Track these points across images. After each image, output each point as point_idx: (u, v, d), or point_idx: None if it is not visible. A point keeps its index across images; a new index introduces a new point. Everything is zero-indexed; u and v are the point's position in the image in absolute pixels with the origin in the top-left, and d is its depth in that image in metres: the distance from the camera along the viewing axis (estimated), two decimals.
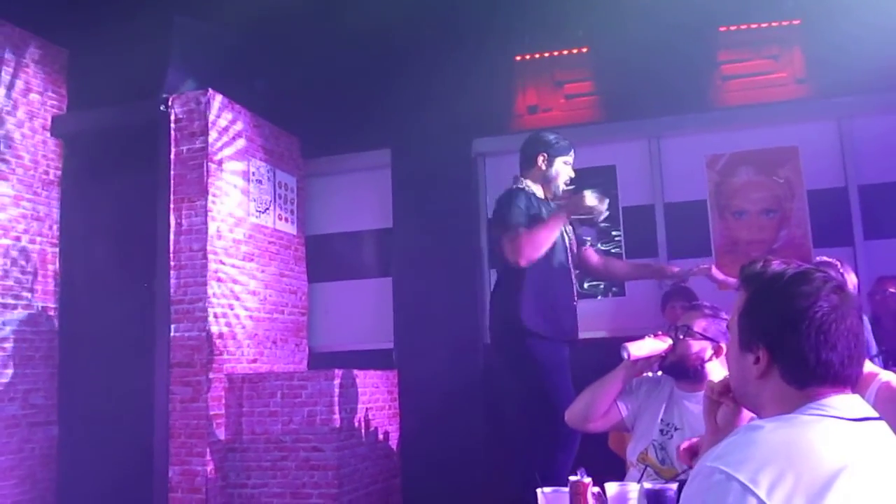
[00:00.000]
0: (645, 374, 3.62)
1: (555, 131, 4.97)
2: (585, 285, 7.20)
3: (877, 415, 1.47)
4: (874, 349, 4.46)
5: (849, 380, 1.48)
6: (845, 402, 1.45)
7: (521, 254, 4.40)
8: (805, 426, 1.38)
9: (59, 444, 6.89)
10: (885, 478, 1.34)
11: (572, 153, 4.86)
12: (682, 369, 3.36)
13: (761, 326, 1.55)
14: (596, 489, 2.51)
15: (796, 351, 1.48)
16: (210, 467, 6.34)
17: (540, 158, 4.78)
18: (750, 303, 1.59)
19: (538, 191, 4.80)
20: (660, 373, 3.54)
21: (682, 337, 3.32)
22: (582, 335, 4.99)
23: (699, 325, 3.33)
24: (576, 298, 4.83)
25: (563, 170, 4.81)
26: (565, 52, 7.51)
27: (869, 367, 2.57)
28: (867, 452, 1.35)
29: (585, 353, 4.81)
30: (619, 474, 3.40)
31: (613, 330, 6.81)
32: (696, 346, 3.32)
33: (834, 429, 1.37)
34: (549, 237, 4.48)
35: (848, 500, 1.26)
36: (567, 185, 4.86)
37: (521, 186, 4.76)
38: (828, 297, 1.48)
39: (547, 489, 2.28)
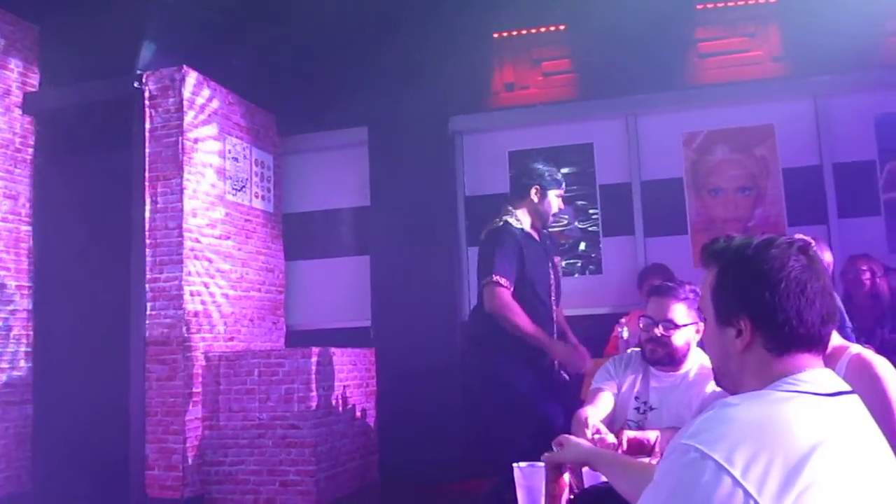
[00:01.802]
0: (625, 353, 3.61)
1: (549, 163, 4.78)
2: (563, 263, 7.22)
3: (849, 388, 1.48)
4: (848, 325, 4.51)
5: (824, 340, 1.50)
6: (819, 377, 1.46)
7: (494, 310, 4.35)
8: (779, 403, 1.38)
9: (33, 422, 6.84)
10: (859, 452, 1.35)
11: (564, 185, 4.77)
12: (672, 360, 3.31)
13: (738, 297, 1.55)
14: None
15: (778, 313, 1.48)
16: (187, 445, 6.33)
17: (533, 191, 4.63)
18: (721, 277, 1.59)
19: (526, 222, 4.66)
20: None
21: (664, 333, 3.25)
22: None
23: (678, 313, 3.25)
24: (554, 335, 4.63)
25: (554, 202, 4.68)
26: (543, 30, 7.49)
27: (839, 340, 2.60)
28: (841, 428, 1.36)
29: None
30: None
31: (590, 306, 6.85)
32: (681, 337, 3.27)
33: (808, 405, 1.38)
34: (525, 332, 4.33)
35: (823, 477, 1.27)
36: (557, 218, 4.80)
37: (508, 221, 4.59)
38: (797, 258, 1.50)
39: (523, 464, 2.29)
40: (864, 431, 1.43)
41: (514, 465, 2.29)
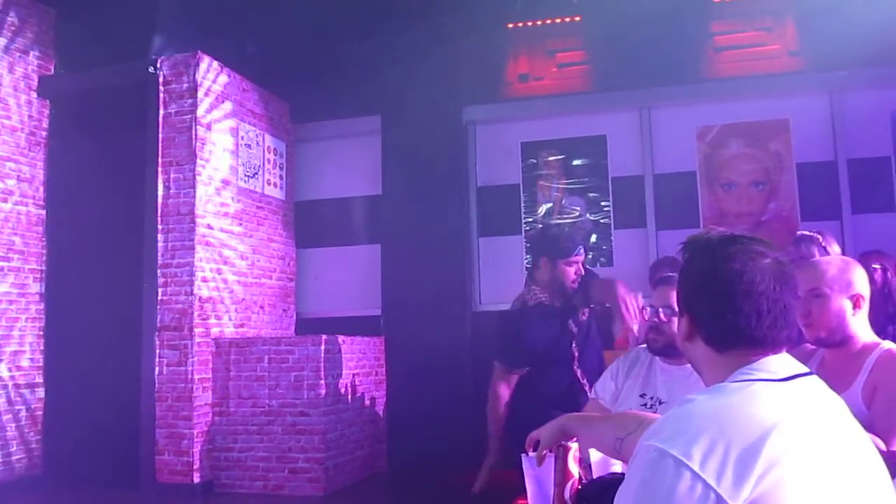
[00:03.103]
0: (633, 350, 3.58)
1: (561, 228, 4.53)
2: None
3: (807, 370, 1.48)
4: None
5: (765, 342, 1.47)
6: (774, 363, 1.46)
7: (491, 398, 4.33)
8: (733, 393, 1.39)
9: (45, 406, 6.89)
10: (817, 432, 1.35)
11: (581, 251, 4.34)
12: (674, 349, 3.18)
13: (685, 292, 1.59)
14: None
15: (706, 313, 1.51)
16: (197, 430, 6.36)
17: (542, 262, 4.34)
18: (682, 268, 1.62)
19: (545, 292, 4.37)
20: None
21: (665, 319, 3.21)
22: None
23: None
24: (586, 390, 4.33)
25: (568, 271, 4.30)
26: (558, 21, 7.45)
27: (871, 336, 2.62)
28: (798, 409, 1.36)
29: None
30: None
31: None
32: None
33: (762, 391, 1.38)
34: (489, 419, 4.34)
35: (785, 454, 1.27)
36: (575, 283, 4.31)
37: (526, 300, 4.37)
38: (741, 261, 1.48)
39: (531, 453, 2.29)
40: (827, 410, 1.43)
41: (523, 454, 2.29)
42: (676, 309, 1.61)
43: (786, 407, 1.35)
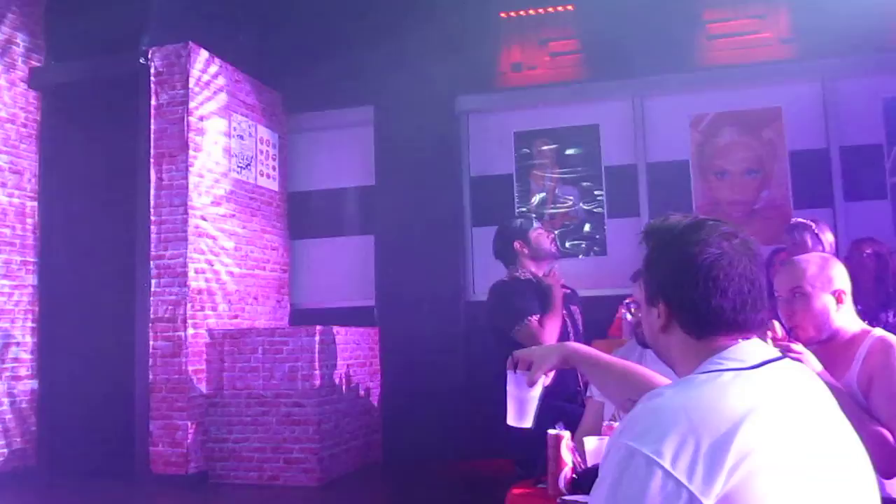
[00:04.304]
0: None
1: (510, 218, 4.82)
2: (567, 244, 7.23)
3: (777, 355, 1.45)
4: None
5: (746, 325, 1.46)
6: (745, 350, 1.43)
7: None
8: (702, 385, 1.35)
9: (39, 398, 6.88)
10: (791, 419, 1.32)
11: (536, 221, 4.67)
12: None
13: (657, 280, 1.55)
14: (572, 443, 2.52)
15: (687, 300, 1.48)
16: (191, 422, 6.36)
17: (517, 245, 4.49)
18: (648, 257, 1.59)
19: (532, 271, 4.50)
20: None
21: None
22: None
23: None
24: (581, 384, 4.37)
25: (542, 237, 4.53)
26: (551, 10, 7.43)
27: (860, 325, 2.63)
28: (770, 397, 1.33)
29: None
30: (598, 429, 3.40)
31: (594, 288, 6.84)
32: None
33: (732, 381, 1.35)
34: (558, 320, 4.29)
35: (758, 442, 1.25)
36: (553, 244, 4.58)
37: (516, 276, 4.50)
38: (717, 244, 1.47)
39: (517, 371, 2.22)
40: (802, 395, 1.40)
41: (509, 371, 2.20)
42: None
43: (756, 396, 1.32)
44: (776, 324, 2.67)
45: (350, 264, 7.87)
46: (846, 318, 2.60)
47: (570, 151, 7.39)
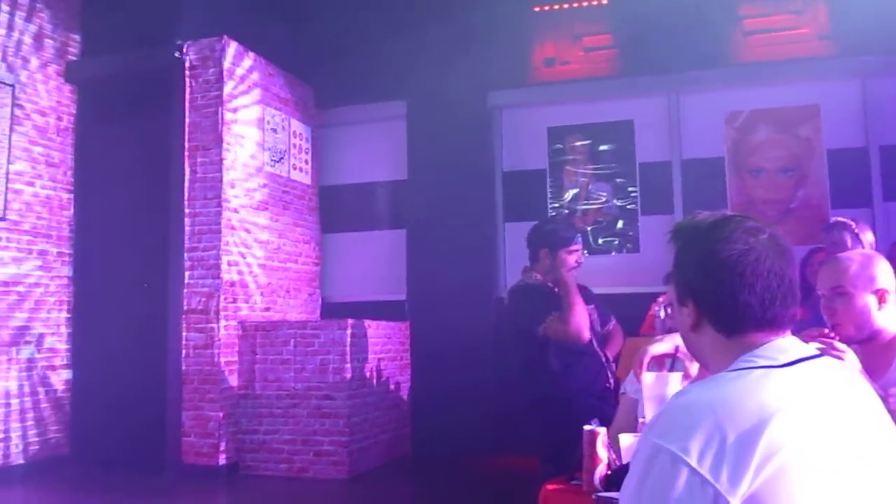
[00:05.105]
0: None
1: (557, 220, 4.57)
2: (600, 241, 7.19)
3: (813, 353, 1.44)
4: None
5: (776, 321, 1.44)
6: (779, 348, 1.42)
7: (579, 332, 4.15)
8: (730, 383, 1.34)
9: (73, 387, 6.96)
10: (823, 418, 1.30)
11: (579, 239, 4.42)
12: None
13: (685, 278, 1.54)
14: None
15: (715, 297, 1.47)
16: (222, 413, 6.40)
17: (542, 253, 4.36)
18: (677, 257, 1.58)
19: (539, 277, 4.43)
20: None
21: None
22: (596, 291, 4.95)
23: None
24: (610, 381, 4.32)
25: (567, 259, 4.33)
26: (584, 4, 7.39)
27: None
28: (801, 395, 1.31)
29: None
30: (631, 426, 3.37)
31: (627, 285, 6.80)
32: None
33: (762, 378, 1.33)
34: (580, 306, 4.21)
35: (787, 440, 1.23)
36: (573, 270, 4.34)
37: (528, 282, 4.43)
38: (742, 240, 1.45)
39: (652, 374, 2.49)
40: (839, 394, 1.38)
41: (644, 373, 2.44)
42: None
43: (788, 393, 1.30)
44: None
45: (381, 258, 7.88)
46: (888, 318, 2.54)
47: (603, 147, 7.35)
